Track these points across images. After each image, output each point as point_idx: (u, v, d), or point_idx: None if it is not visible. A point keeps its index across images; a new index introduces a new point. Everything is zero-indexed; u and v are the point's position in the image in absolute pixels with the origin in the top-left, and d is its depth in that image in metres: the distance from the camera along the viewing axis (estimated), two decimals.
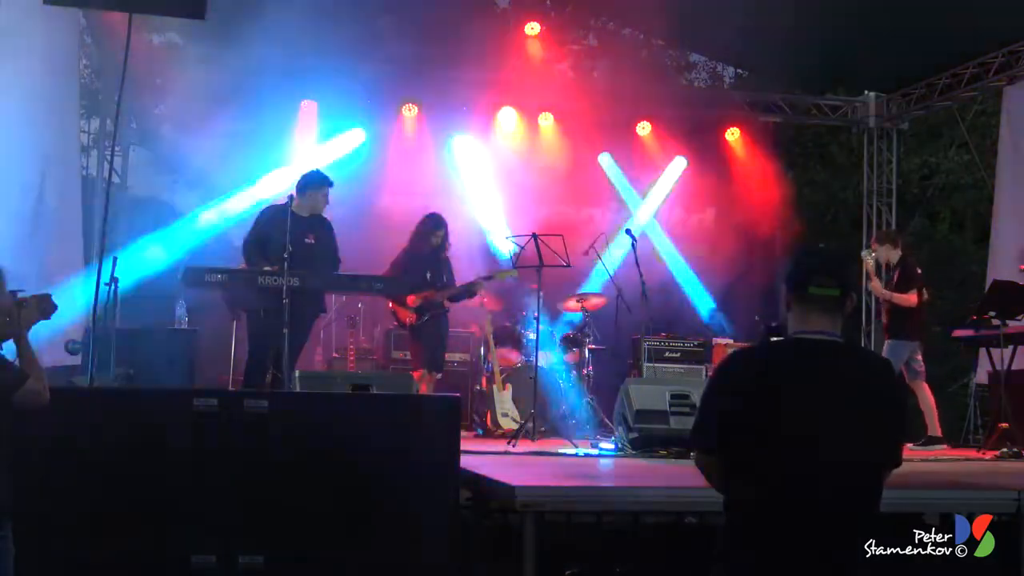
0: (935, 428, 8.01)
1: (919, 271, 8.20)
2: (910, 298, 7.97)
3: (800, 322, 2.65)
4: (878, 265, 8.47)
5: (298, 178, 7.18)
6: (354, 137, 10.77)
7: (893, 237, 8.54)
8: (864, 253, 8.44)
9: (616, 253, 9.60)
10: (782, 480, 2.54)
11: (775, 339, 2.79)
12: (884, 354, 7.98)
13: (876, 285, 8.22)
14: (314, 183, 7.07)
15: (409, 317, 7.97)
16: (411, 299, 7.89)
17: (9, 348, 3.22)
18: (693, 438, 2.77)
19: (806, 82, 12.06)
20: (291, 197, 6.77)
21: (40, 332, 3.34)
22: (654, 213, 11.53)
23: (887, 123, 12.00)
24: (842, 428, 2.56)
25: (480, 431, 8.74)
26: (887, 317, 8.16)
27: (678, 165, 11.62)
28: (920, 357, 8.08)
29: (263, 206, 7.50)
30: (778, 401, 2.56)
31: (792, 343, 2.67)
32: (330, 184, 7.14)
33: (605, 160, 11.51)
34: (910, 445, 7.93)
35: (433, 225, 8.22)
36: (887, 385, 2.73)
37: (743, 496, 2.61)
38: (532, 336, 8.98)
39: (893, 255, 8.26)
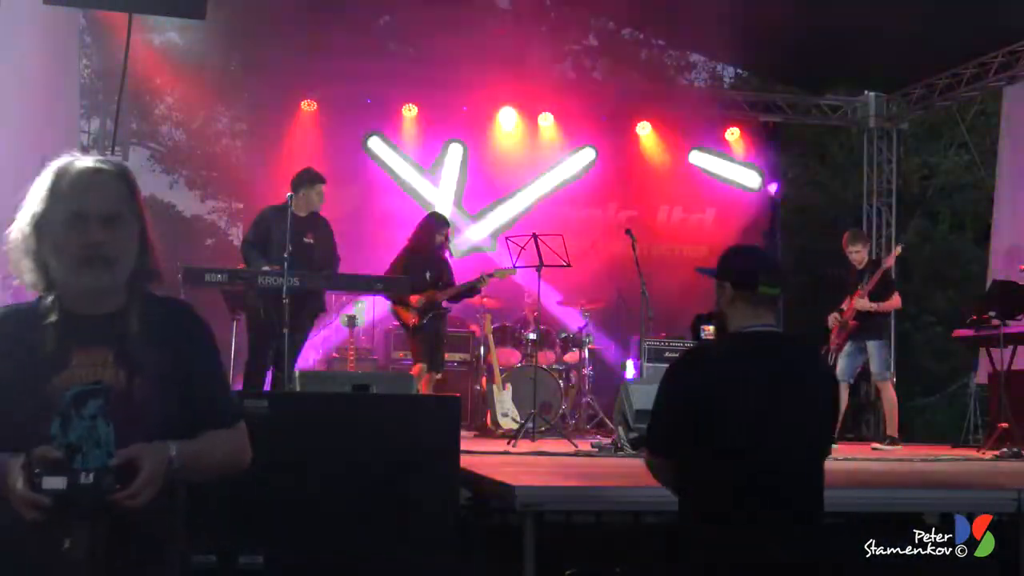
0: (894, 428, 8.04)
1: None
2: (897, 302, 8.05)
3: (749, 317, 2.83)
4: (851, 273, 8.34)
5: (293, 177, 7.17)
6: (353, 137, 10.77)
7: (864, 237, 8.56)
8: (830, 319, 8.26)
9: (616, 253, 9.60)
10: (749, 466, 2.66)
11: (723, 335, 2.93)
12: (876, 356, 8.00)
13: (864, 304, 7.92)
14: (306, 181, 7.06)
15: (411, 318, 7.97)
16: (414, 299, 7.89)
17: None
18: (649, 441, 2.92)
19: (806, 82, 12.06)
20: (290, 197, 6.77)
21: None
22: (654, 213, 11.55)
23: (887, 123, 12.00)
24: (800, 412, 2.73)
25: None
26: (864, 320, 7.98)
27: (678, 165, 11.62)
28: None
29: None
30: (742, 391, 2.70)
31: (745, 336, 2.83)
32: (322, 181, 7.12)
33: (605, 160, 11.50)
34: (874, 445, 7.95)
35: (436, 224, 8.21)
36: (827, 370, 3.00)
37: (706, 492, 2.73)
38: (532, 336, 8.99)
39: (863, 256, 8.19)
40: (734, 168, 11.70)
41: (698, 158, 11.63)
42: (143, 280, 2.22)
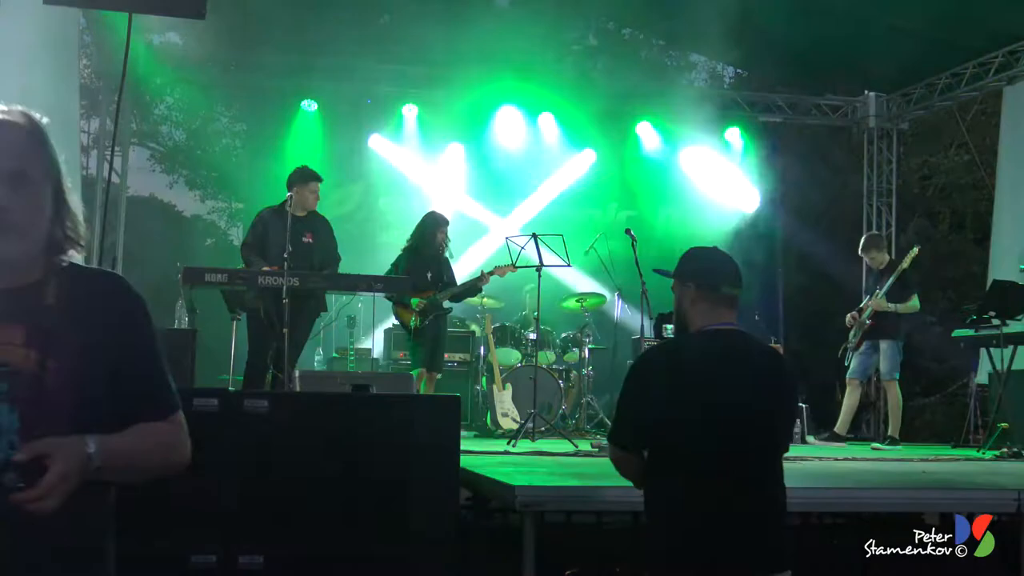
0: (896, 428, 8.08)
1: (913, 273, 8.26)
2: (915, 304, 8.06)
3: (711, 316, 2.90)
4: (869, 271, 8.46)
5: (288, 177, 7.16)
6: (354, 137, 10.78)
7: (881, 240, 8.71)
8: (848, 318, 8.37)
9: (616, 253, 9.60)
10: (711, 461, 2.74)
11: (684, 334, 3.01)
12: (886, 356, 8.02)
13: (883, 304, 8.02)
14: (300, 179, 7.02)
15: (412, 319, 7.96)
16: (415, 300, 7.89)
17: None
18: (615, 436, 2.97)
19: (806, 82, 12.05)
20: (289, 197, 6.77)
21: None
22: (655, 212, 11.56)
23: (887, 123, 12.00)
24: (763, 409, 2.81)
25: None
26: (880, 320, 8.10)
27: (678, 164, 11.63)
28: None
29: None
30: (705, 387, 2.77)
31: (710, 334, 2.89)
32: (316, 179, 7.08)
33: (606, 160, 11.51)
34: (874, 445, 7.96)
35: (436, 223, 8.20)
36: (785, 368, 2.99)
37: (668, 487, 2.80)
38: (532, 336, 8.99)
39: (882, 257, 8.31)
40: (733, 168, 11.71)
41: (698, 158, 11.63)
42: (58, 250, 1.92)
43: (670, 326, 3.25)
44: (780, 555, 2.77)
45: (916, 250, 8.22)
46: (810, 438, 8.46)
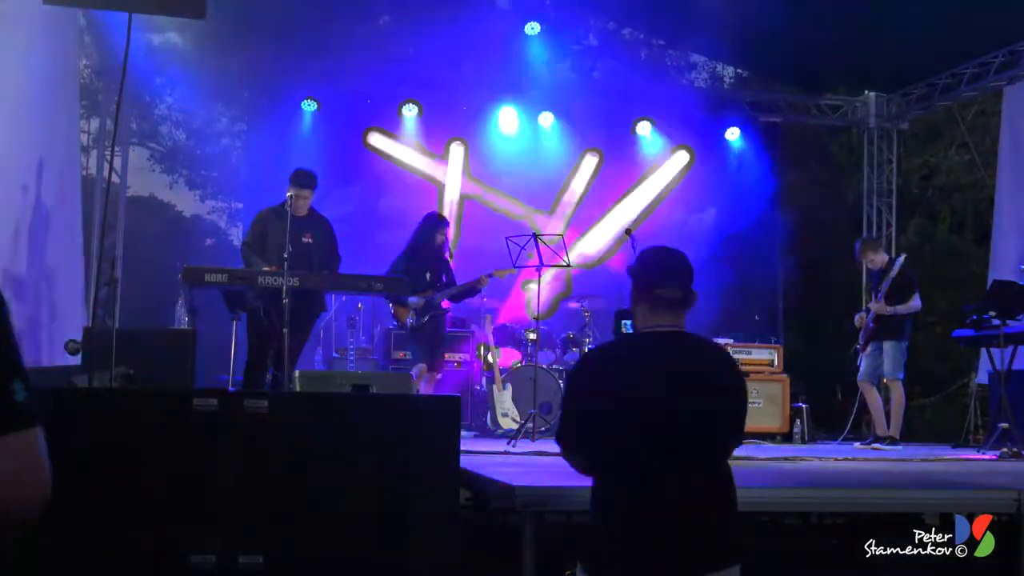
0: (897, 429, 8.06)
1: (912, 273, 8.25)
2: (916, 304, 8.05)
3: (650, 318, 2.94)
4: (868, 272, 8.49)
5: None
6: (354, 137, 10.77)
7: (875, 243, 8.75)
8: (857, 319, 8.39)
9: (616, 253, 9.61)
10: (647, 460, 2.78)
11: (624, 334, 3.05)
12: (890, 356, 8.01)
13: (881, 307, 8.00)
14: (292, 183, 6.98)
15: (409, 318, 7.97)
16: (414, 300, 7.89)
17: None
18: (560, 437, 3.01)
19: (806, 82, 12.06)
20: (289, 197, 6.77)
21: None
22: (654, 213, 11.55)
23: (887, 123, 12.00)
24: (701, 407, 2.81)
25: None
26: (883, 320, 8.10)
27: (678, 165, 11.62)
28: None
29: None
30: (639, 387, 2.82)
31: (644, 335, 2.96)
32: (307, 186, 6.99)
33: (607, 160, 11.50)
34: (876, 445, 7.97)
35: (436, 224, 8.21)
36: (730, 367, 2.97)
37: (609, 487, 2.86)
38: (532, 336, 8.99)
39: (880, 258, 8.29)
40: (733, 168, 11.70)
41: (697, 158, 11.63)
42: None
43: (628, 322, 3.28)
44: (726, 550, 2.79)
45: (903, 258, 8.21)
46: (856, 444, 8.40)
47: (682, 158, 11.59)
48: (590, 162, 11.37)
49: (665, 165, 11.58)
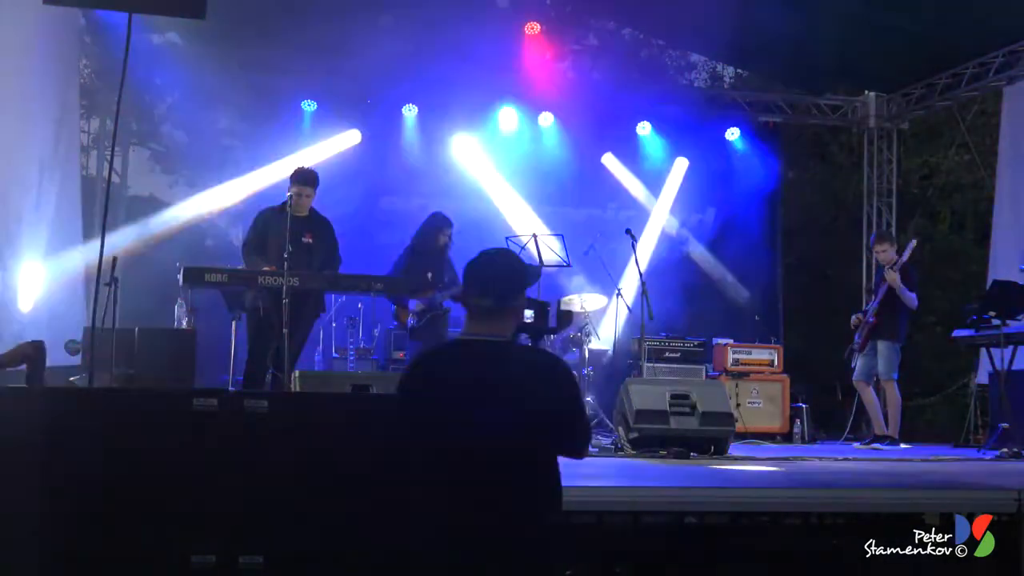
0: (895, 429, 8.07)
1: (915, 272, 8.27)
2: (912, 300, 8.05)
3: (468, 326, 3.00)
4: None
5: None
6: (351, 137, 10.76)
7: (891, 235, 8.83)
8: (853, 319, 8.41)
9: (616, 253, 9.60)
10: (455, 466, 2.80)
11: (443, 342, 3.11)
12: (883, 356, 8.02)
13: (894, 279, 8.03)
14: (292, 181, 6.92)
15: (409, 319, 7.96)
16: (413, 305, 7.90)
17: None
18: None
19: (806, 82, 12.06)
20: (289, 197, 6.77)
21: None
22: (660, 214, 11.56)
23: (887, 123, 12.00)
24: (510, 417, 2.78)
25: None
26: (881, 319, 8.11)
27: (679, 165, 11.62)
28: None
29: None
30: (443, 394, 2.87)
31: (452, 344, 3.07)
32: (308, 183, 6.91)
33: (609, 160, 11.50)
34: (876, 445, 7.98)
35: (440, 224, 8.19)
36: (551, 371, 2.91)
37: (426, 496, 2.89)
38: None
39: (892, 253, 8.30)
40: (733, 168, 11.71)
41: (697, 158, 11.63)
42: None
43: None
44: (543, 561, 2.82)
45: (915, 242, 8.22)
46: (856, 444, 8.41)
47: (682, 161, 11.59)
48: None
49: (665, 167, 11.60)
